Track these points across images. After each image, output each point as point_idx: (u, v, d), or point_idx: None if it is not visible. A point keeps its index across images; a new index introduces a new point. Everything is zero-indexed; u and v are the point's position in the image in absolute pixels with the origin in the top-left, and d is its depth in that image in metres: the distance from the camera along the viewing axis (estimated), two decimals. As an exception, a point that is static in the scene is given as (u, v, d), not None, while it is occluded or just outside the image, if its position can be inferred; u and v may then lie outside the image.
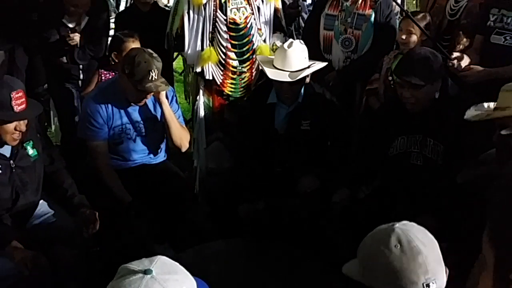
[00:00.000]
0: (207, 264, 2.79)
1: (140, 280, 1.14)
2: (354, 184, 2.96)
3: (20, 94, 2.27)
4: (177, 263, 1.24)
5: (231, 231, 3.06)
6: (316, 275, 2.62)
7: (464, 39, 3.11)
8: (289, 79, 2.85)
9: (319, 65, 3.00)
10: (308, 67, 2.94)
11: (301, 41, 3.03)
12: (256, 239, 2.90)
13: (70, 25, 3.48)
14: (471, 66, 2.89)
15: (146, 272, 1.15)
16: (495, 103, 2.23)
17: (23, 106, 2.29)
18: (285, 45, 2.93)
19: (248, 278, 2.64)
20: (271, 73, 2.90)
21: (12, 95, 2.23)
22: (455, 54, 2.86)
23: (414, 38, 3.13)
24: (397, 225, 1.35)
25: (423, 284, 1.29)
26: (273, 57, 3.04)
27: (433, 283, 1.30)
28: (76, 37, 3.43)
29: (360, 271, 1.38)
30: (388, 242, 1.32)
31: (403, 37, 3.15)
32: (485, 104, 2.29)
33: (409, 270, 1.30)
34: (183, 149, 3.09)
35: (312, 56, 3.03)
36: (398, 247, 1.31)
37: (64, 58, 3.52)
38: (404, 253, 1.30)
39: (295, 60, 2.89)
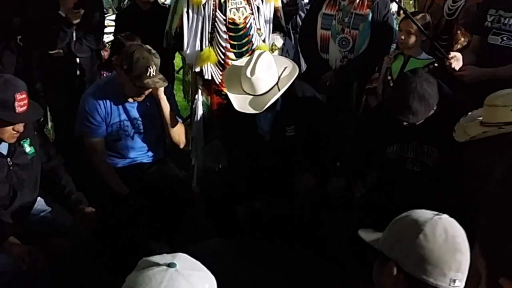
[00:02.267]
0: (203, 262, 2.79)
1: (165, 272, 1.14)
2: (351, 174, 2.95)
3: (23, 96, 2.27)
4: (198, 262, 1.24)
5: (228, 229, 3.07)
6: (314, 274, 2.63)
7: (462, 39, 3.12)
8: (254, 111, 2.76)
9: (288, 83, 2.83)
10: (277, 82, 2.81)
11: (266, 53, 2.85)
12: (254, 237, 2.91)
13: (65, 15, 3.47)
14: (468, 66, 2.90)
15: (170, 265, 1.16)
16: (481, 109, 2.23)
17: (25, 108, 2.29)
18: (248, 71, 2.76)
19: (245, 277, 2.64)
20: (237, 104, 2.78)
21: (16, 96, 2.23)
22: (452, 54, 2.87)
23: (413, 38, 3.13)
24: (445, 216, 1.37)
25: (450, 279, 1.31)
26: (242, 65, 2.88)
27: (459, 280, 1.32)
28: (80, 12, 3.40)
29: (386, 243, 1.39)
30: (435, 227, 1.33)
31: (402, 37, 3.15)
32: (470, 113, 2.29)
33: (445, 261, 1.31)
34: (181, 145, 3.11)
35: (309, 56, 3.00)
36: (443, 237, 1.32)
37: (61, 50, 3.51)
38: (447, 245, 1.31)
39: (261, 85, 2.77)
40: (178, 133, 3.02)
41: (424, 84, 2.47)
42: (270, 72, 2.81)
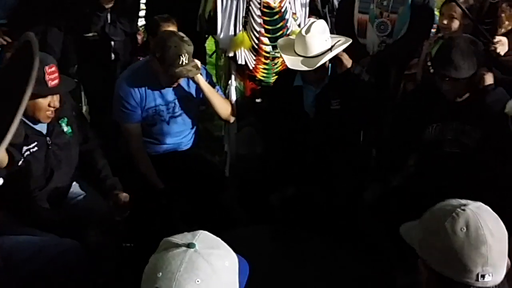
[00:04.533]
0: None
1: (184, 253, 1.14)
2: (387, 173, 2.89)
3: (53, 68, 2.25)
4: (218, 238, 1.24)
5: (260, 217, 3.05)
6: (347, 264, 2.58)
7: (506, 22, 2.98)
8: (306, 68, 2.78)
9: (341, 46, 2.88)
10: (331, 48, 2.83)
11: (321, 21, 2.91)
12: (286, 226, 2.88)
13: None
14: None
15: (190, 245, 1.15)
16: None
17: (56, 81, 2.27)
18: (303, 30, 2.82)
19: (276, 265, 2.62)
20: (290, 62, 2.83)
21: (45, 70, 2.21)
22: (498, 38, 2.76)
23: (456, 23, 3.03)
24: (470, 206, 1.30)
25: (478, 274, 1.25)
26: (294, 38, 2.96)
27: (489, 275, 1.25)
28: None
29: (416, 240, 1.35)
30: (455, 222, 1.27)
31: (445, 22, 3.04)
32: None
33: (468, 257, 1.25)
34: (232, 120, 3.19)
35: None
36: (464, 230, 1.26)
37: (96, 33, 3.51)
38: (469, 239, 1.25)
39: (314, 45, 2.78)
40: (226, 108, 3.06)
41: (468, 42, 2.48)
42: (324, 36, 2.83)
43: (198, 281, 1.11)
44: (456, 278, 1.26)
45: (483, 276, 1.24)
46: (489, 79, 2.51)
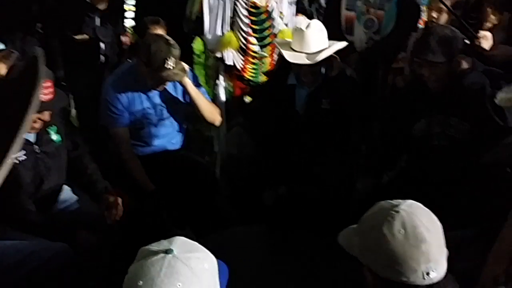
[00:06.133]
0: (227, 250, 2.76)
1: (162, 260, 1.14)
2: (377, 170, 2.90)
3: (48, 84, 2.23)
4: (195, 242, 1.24)
5: (252, 216, 3.05)
6: (338, 264, 2.59)
7: (492, 17, 3.01)
8: (307, 62, 2.79)
9: (339, 45, 2.92)
10: (328, 47, 2.87)
11: (318, 21, 2.95)
12: (278, 225, 2.87)
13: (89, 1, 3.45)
14: (499, 45, 2.80)
15: (168, 251, 1.15)
16: None
17: (50, 96, 2.25)
18: (303, 26, 2.84)
19: (269, 265, 2.62)
20: (289, 56, 2.83)
21: None
22: (482, 33, 2.77)
23: (444, 16, 3.06)
24: (403, 206, 1.29)
25: (423, 272, 1.26)
26: (291, 40, 2.98)
27: (433, 271, 1.26)
28: None
29: (357, 248, 1.34)
30: (391, 225, 1.27)
31: (434, 15, 3.07)
32: None
33: (411, 257, 1.25)
34: (217, 123, 3.15)
35: (333, 38, 2.98)
36: (402, 232, 1.26)
37: (86, 35, 3.49)
38: (408, 240, 1.26)
39: (314, 41, 2.81)
40: (211, 111, 3.04)
41: (445, 29, 2.53)
42: (322, 34, 2.86)
43: (179, 285, 1.11)
44: (404, 281, 1.26)
45: (428, 274, 1.25)
46: (465, 63, 2.53)
